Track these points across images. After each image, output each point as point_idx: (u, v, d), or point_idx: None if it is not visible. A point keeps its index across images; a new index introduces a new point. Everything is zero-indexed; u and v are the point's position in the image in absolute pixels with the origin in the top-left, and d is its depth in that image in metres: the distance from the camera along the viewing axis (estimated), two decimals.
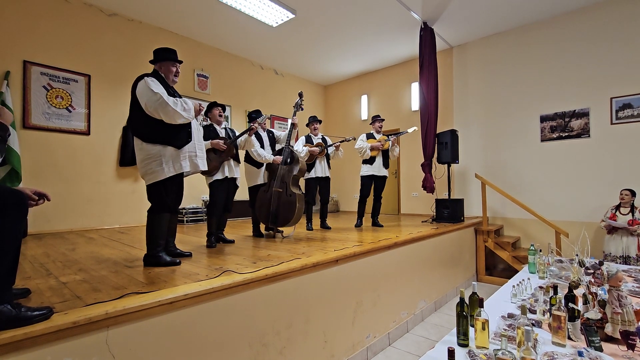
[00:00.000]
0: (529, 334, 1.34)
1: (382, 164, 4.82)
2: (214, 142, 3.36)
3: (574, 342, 1.77)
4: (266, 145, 4.08)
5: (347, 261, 2.85)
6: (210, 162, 3.30)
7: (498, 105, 6.02)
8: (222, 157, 3.41)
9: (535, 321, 2.04)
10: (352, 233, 4.25)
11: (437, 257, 4.47)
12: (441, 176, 5.85)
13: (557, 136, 5.38)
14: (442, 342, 1.82)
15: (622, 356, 1.63)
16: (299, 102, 4.14)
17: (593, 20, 5.07)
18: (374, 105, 7.86)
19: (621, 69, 4.85)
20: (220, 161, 3.40)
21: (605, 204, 4.74)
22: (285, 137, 4.12)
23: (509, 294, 2.54)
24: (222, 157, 3.41)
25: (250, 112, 4.12)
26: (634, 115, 4.74)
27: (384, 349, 3.25)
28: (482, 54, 6.19)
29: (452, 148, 5.40)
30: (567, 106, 5.29)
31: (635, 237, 4.30)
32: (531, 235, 5.61)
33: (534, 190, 5.58)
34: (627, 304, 1.75)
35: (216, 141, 3.36)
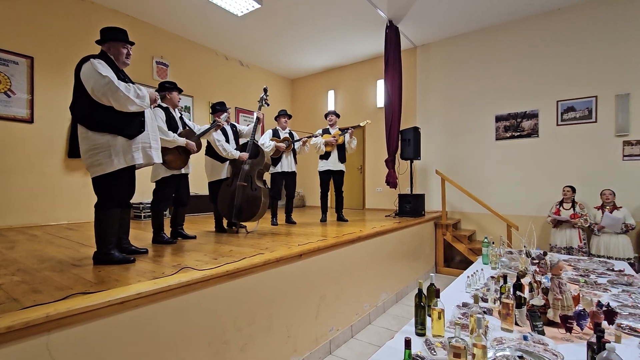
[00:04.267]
0: (480, 321, 1.41)
1: (337, 159, 4.82)
2: (190, 144, 3.19)
3: (520, 327, 1.90)
4: (230, 140, 3.97)
5: (311, 256, 2.85)
6: (177, 158, 3.14)
7: (458, 105, 6.29)
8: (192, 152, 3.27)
9: (487, 309, 2.16)
10: (317, 228, 4.26)
11: (399, 250, 4.61)
12: (404, 172, 6.02)
13: (510, 135, 5.73)
14: (401, 332, 1.88)
15: (562, 338, 1.77)
16: (263, 97, 4.06)
17: (543, 28, 5.43)
18: (340, 101, 7.91)
19: (567, 74, 5.24)
20: (188, 157, 3.26)
21: (552, 200, 5.12)
22: (249, 131, 4.03)
23: (464, 284, 2.67)
24: (192, 152, 3.27)
25: (215, 104, 3.98)
26: (577, 117, 5.16)
27: (347, 341, 3.30)
28: (444, 55, 6.43)
29: (414, 145, 5.57)
30: (519, 107, 5.64)
31: (576, 230, 4.70)
32: (485, 229, 5.94)
33: (489, 186, 5.91)
34: (566, 290, 1.90)
35: (191, 144, 3.20)
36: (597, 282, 2.73)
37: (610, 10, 4.92)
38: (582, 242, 4.63)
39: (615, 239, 4.41)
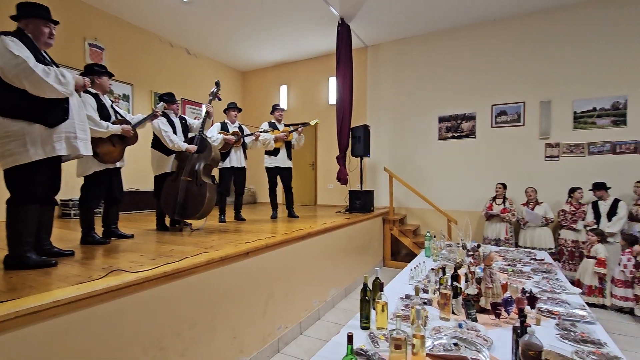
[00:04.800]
0: (419, 312, 1.46)
1: (286, 156, 4.76)
2: (125, 128, 2.91)
3: (456, 316, 2.01)
4: (178, 133, 3.73)
5: (259, 253, 2.78)
6: (112, 150, 2.85)
7: (405, 105, 6.56)
8: (128, 143, 2.99)
9: (427, 300, 2.26)
10: (267, 224, 4.18)
11: (348, 245, 4.70)
12: (354, 169, 6.14)
13: (451, 136, 6.11)
14: (347, 326, 1.90)
15: (492, 324, 1.91)
16: (215, 92, 3.87)
17: (481, 36, 5.85)
18: (293, 96, 7.84)
19: (500, 81, 5.71)
20: (124, 149, 2.98)
21: (487, 195, 5.56)
22: (199, 125, 3.82)
23: (408, 277, 2.78)
24: (128, 144, 2.99)
25: (163, 95, 3.72)
26: (508, 120, 5.65)
27: (295, 337, 3.29)
28: (393, 56, 6.65)
29: (364, 142, 5.70)
30: (460, 110, 6.04)
31: (504, 223, 5.16)
32: (429, 223, 6.29)
33: (433, 183, 6.26)
34: (496, 279, 2.06)
35: (127, 127, 2.92)
36: (522, 270, 3.01)
37: (536, 27, 5.44)
38: (509, 234, 5.11)
39: (538, 232, 4.92)
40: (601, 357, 1.53)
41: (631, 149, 4.86)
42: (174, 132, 3.64)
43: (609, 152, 4.98)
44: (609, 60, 4.99)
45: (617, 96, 4.94)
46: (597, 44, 5.05)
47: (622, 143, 4.91)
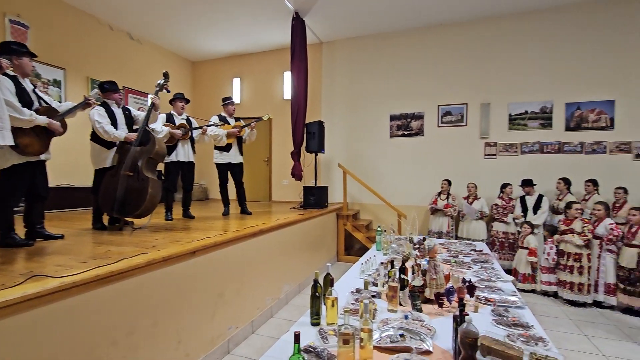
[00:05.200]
0: (366, 306, 1.48)
1: (238, 151, 4.62)
2: (54, 124, 2.59)
3: (403, 307, 2.09)
4: (121, 125, 3.43)
5: (207, 252, 2.66)
6: (35, 142, 2.53)
7: (359, 102, 6.68)
8: (55, 134, 2.68)
9: (376, 293, 2.32)
10: (217, 222, 4.02)
11: (302, 241, 4.69)
12: (309, 164, 6.14)
13: (401, 134, 6.35)
14: (297, 324, 1.88)
15: (435, 313, 2.00)
16: (162, 83, 3.61)
17: (429, 39, 6.12)
18: (247, 90, 7.62)
19: (445, 82, 6.04)
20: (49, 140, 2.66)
21: (434, 191, 5.85)
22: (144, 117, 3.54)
23: (359, 271, 2.83)
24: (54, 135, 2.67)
25: (103, 83, 3.39)
26: (452, 120, 6.00)
27: (247, 337, 3.21)
28: (347, 53, 6.73)
29: (319, 138, 5.72)
30: (409, 109, 6.29)
31: (447, 217, 5.49)
32: (381, 218, 6.49)
33: (384, 179, 6.47)
34: (440, 271, 2.16)
35: (56, 124, 2.60)
36: (463, 261, 3.21)
37: (479, 33, 5.82)
38: (450, 227, 5.47)
39: (474, 224, 5.32)
40: (529, 338, 1.67)
41: (555, 149, 5.42)
42: (115, 124, 3.35)
43: (538, 152, 5.50)
44: (538, 68, 5.49)
45: (545, 101, 5.47)
46: (530, 52, 5.54)
47: (548, 143, 5.45)
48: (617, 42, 5.11)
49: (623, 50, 5.08)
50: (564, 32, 5.37)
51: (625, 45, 5.07)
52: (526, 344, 1.62)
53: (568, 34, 5.34)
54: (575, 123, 5.31)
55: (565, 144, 5.36)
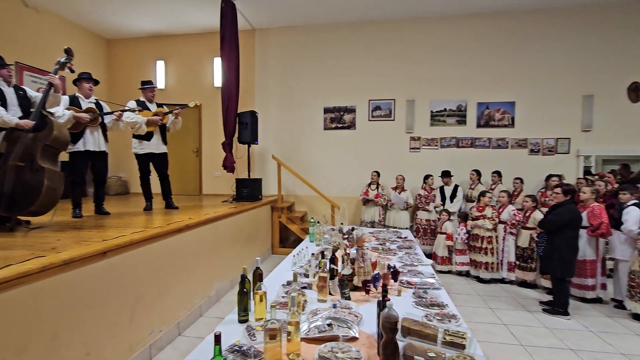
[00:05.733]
0: (293, 299, 1.46)
1: (160, 140, 4.24)
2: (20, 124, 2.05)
3: (333, 296, 2.12)
4: (11, 106, 2.88)
5: (122, 252, 2.39)
6: None
7: (293, 93, 6.62)
8: None
9: (307, 284, 2.33)
10: (137, 218, 3.66)
11: (235, 235, 4.52)
12: (242, 156, 5.93)
13: (335, 126, 6.48)
14: (224, 322, 1.79)
15: (363, 300, 2.08)
16: (63, 61, 3.12)
17: (360, 35, 6.30)
18: (173, 75, 7.04)
19: (376, 77, 6.30)
20: None
21: (364, 182, 6.09)
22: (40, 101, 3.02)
23: (291, 263, 2.82)
24: None
25: None
26: (382, 115, 6.31)
27: (172, 340, 3.00)
28: (282, 43, 6.60)
29: (252, 129, 5.54)
30: (342, 102, 6.44)
31: (378, 207, 5.78)
32: (316, 210, 6.57)
33: (319, 171, 6.55)
34: (367, 259, 2.25)
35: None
36: (390, 248, 3.40)
37: (405, 33, 6.16)
38: (381, 217, 5.79)
39: (401, 213, 5.70)
40: (443, 316, 1.82)
41: (469, 143, 6.03)
42: (4, 105, 2.81)
43: (454, 146, 6.07)
44: (456, 69, 6.02)
45: (461, 100, 6.03)
46: (449, 55, 6.03)
47: (463, 138, 6.04)
48: (517, 51, 5.83)
49: (522, 58, 5.82)
50: (475, 39, 5.95)
51: (523, 54, 5.82)
52: (441, 322, 1.77)
53: (478, 41, 5.94)
54: (485, 121, 5.97)
55: (477, 139, 6.00)
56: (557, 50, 5.73)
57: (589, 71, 5.65)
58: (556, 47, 5.73)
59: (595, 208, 3.78)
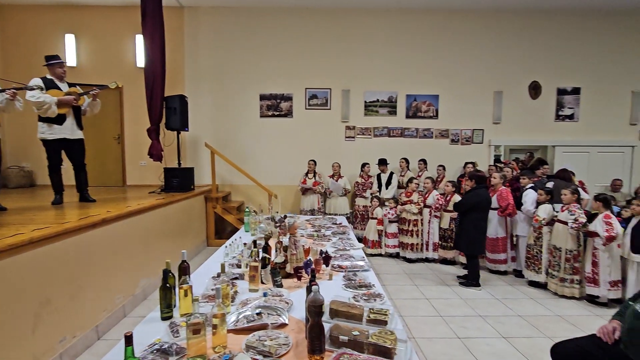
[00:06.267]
0: (218, 291, 1.42)
1: (75, 124, 3.76)
2: None
3: (265, 285, 2.11)
4: None
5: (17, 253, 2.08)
6: None
7: (228, 78, 6.33)
8: None
9: (239, 274, 2.28)
10: (43, 213, 3.21)
11: (163, 228, 4.24)
12: (170, 144, 5.52)
13: (271, 114, 6.37)
14: (145, 321, 1.67)
15: (295, 286, 2.10)
16: None
17: (298, 21, 6.23)
18: (86, 51, 6.23)
19: (312, 66, 6.30)
20: None
21: (302, 171, 6.12)
22: None
23: (223, 254, 2.73)
24: None
25: None
26: (318, 104, 6.36)
27: (89, 346, 2.73)
28: (215, 24, 6.23)
29: (181, 114, 5.18)
30: (279, 89, 6.34)
31: (317, 195, 5.87)
32: (253, 199, 6.44)
33: (255, 160, 6.40)
34: (299, 246, 2.27)
35: None
36: (325, 234, 3.48)
37: (341, 23, 6.23)
38: (320, 204, 5.90)
39: (340, 200, 5.87)
40: (370, 296, 1.93)
41: (399, 133, 6.40)
42: None
43: (386, 135, 6.40)
44: (388, 61, 6.29)
45: (392, 91, 6.35)
46: (382, 48, 6.27)
47: (394, 128, 6.39)
48: (441, 48, 6.28)
49: (445, 55, 6.30)
50: (405, 34, 6.27)
51: (447, 51, 6.29)
52: (367, 301, 1.86)
53: (408, 35, 6.27)
54: (413, 112, 6.37)
55: (406, 130, 6.39)
56: (474, 49, 6.30)
57: (499, 70, 6.33)
58: (473, 46, 6.30)
59: (503, 191, 4.30)
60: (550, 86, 6.37)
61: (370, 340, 1.35)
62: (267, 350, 1.34)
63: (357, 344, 1.35)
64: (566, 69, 6.34)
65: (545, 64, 6.32)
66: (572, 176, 4.79)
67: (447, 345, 2.78)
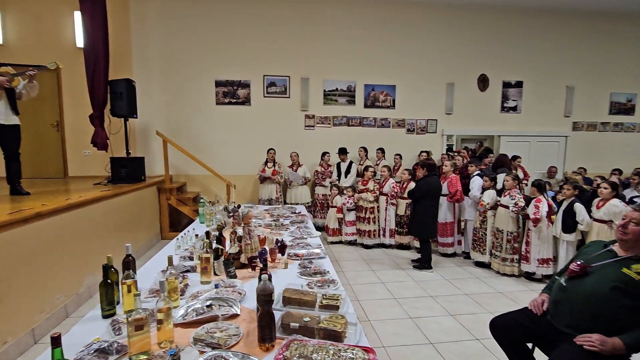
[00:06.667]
0: (162, 284, 1.36)
1: (9, 109, 3.40)
2: None
3: (218, 277, 2.06)
4: None
5: None
6: None
7: (181, 62, 5.99)
8: None
9: (191, 267, 2.20)
10: None
11: (110, 222, 3.98)
12: (117, 131, 5.14)
13: (228, 101, 6.15)
14: (84, 320, 1.57)
15: (249, 276, 2.07)
16: None
17: (255, 6, 6.01)
18: (14, 27, 5.56)
19: (270, 53, 6.14)
20: None
21: (261, 160, 6.00)
22: None
23: (175, 247, 2.62)
24: None
25: None
26: (277, 92, 6.24)
27: (24, 351, 2.52)
28: (165, 4, 5.83)
29: (128, 100, 4.84)
30: (236, 76, 6.13)
31: (275, 184, 5.81)
32: (210, 190, 6.22)
33: (213, 149, 6.18)
34: (254, 235, 2.23)
35: None
36: (283, 224, 3.46)
37: (299, 10, 6.11)
38: (278, 194, 5.85)
39: (300, 189, 5.87)
40: (324, 283, 1.95)
41: (358, 122, 6.49)
42: None
43: (345, 125, 6.46)
44: (346, 50, 6.30)
45: (350, 81, 6.39)
46: (341, 37, 6.25)
47: (353, 118, 6.47)
48: (398, 38, 6.40)
49: (401, 46, 6.43)
50: (363, 23, 6.31)
51: (403, 42, 6.42)
52: (321, 287, 1.89)
53: (366, 25, 6.31)
54: (371, 102, 6.48)
55: (364, 119, 6.49)
56: (428, 41, 6.49)
57: (451, 62, 6.60)
58: (428, 39, 6.49)
59: (452, 179, 4.54)
60: (497, 79, 6.77)
61: (320, 325, 1.37)
62: (215, 342, 1.31)
63: (308, 330, 1.37)
64: (511, 64, 6.76)
65: (492, 58, 6.69)
66: (515, 160, 5.25)
67: (399, 326, 2.92)
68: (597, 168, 6.57)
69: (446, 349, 2.61)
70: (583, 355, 1.58)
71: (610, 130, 7.19)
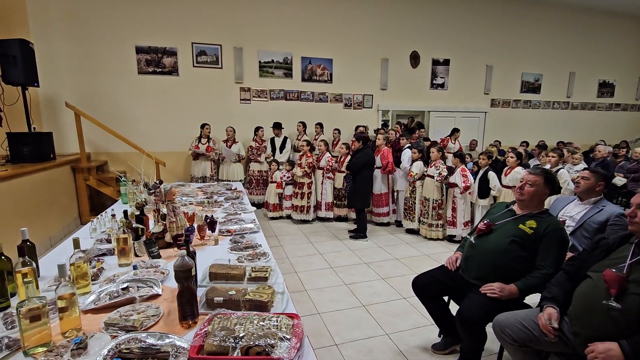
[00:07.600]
0: (62, 269, 1.21)
1: None
2: None
3: (140, 258, 1.92)
4: None
5: None
6: None
7: (90, 23, 5.22)
8: None
9: (109, 250, 2.02)
10: None
11: (13, 208, 3.46)
12: (14, 102, 4.40)
13: (152, 70, 5.58)
14: None
15: (174, 255, 1.96)
16: None
17: None
18: None
19: (199, 18, 5.64)
20: None
21: (193, 135, 5.64)
22: None
23: (90, 230, 2.37)
24: None
25: None
26: (208, 62, 5.82)
27: None
28: None
29: (25, 65, 4.12)
30: (160, 42, 5.55)
31: (209, 161, 5.54)
32: (137, 168, 5.71)
33: (137, 123, 5.63)
34: (179, 213, 2.10)
35: None
36: (216, 201, 3.33)
37: None
38: (213, 171, 5.60)
39: (233, 166, 5.66)
40: (254, 256, 1.93)
41: (295, 96, 6.38)
42: None
43: (283, 99, 6.31)
44: (282, 19, 6.04)
45: (287, 52, 6.19)
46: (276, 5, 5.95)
47: (290, 91, 6.33)
48: (335, 10, 6.30)
49: (338, 18, 6.35)
50: None
51: (340, 14, 6.33)
52: (251, 261, 1.86)
53: None
54: (308, 75, 6.38)
55: (302, 93, 6.40)
56: (363, 15, 6.49)
57: (385, 37, 6.72)
58: (363, 12, 6.48)
59: (384, 151, 4.73)
60: (427, 56, 7.09)
61: (246, 297, 1.35)
62: (130, 324, 1.22)
63: (233, 303, 1.34)
64: (439, 41, 7.10)
65: (423, 34, 6.95)
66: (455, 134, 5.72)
67: (335, 292, 3.05)
68: (510, 141, 7.36)
69: (376, 309, 2.80)
70: (486, 302, 1.79)
71: (521, 107, 8.05)
